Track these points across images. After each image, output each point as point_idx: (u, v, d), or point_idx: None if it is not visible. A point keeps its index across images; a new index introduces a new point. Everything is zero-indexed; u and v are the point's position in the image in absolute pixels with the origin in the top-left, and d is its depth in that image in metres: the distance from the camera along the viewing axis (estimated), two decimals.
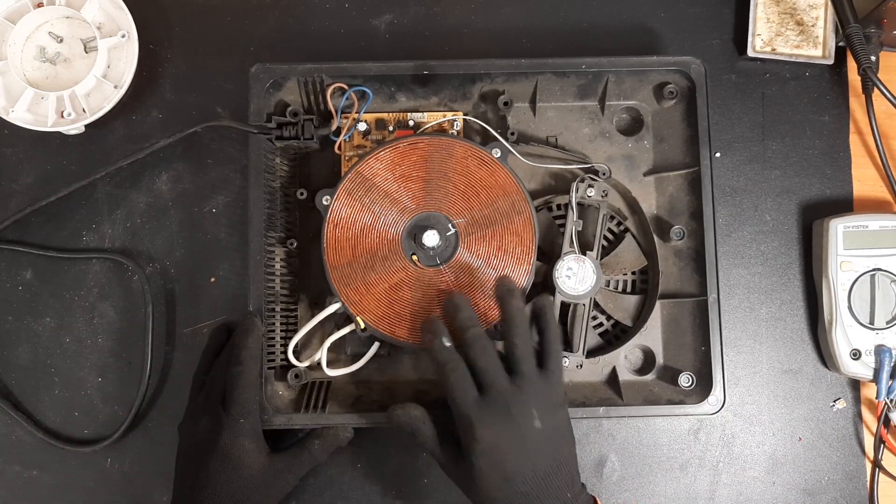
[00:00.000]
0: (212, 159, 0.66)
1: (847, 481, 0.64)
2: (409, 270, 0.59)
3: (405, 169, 0.60)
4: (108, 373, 0.64)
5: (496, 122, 0.64)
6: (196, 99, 0.67)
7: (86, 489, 0.63)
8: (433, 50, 0.68)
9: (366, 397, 0.62)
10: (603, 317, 0.64)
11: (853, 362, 0.61)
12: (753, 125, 0.67)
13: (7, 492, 0.63)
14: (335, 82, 0.61)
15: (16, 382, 0.64)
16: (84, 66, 0.64)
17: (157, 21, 0.67)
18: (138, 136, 0.66)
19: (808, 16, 0.67)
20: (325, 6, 0.68)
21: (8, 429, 0.64)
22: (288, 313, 0.62)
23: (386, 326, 0.59)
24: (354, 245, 0.60)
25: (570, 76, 0.62)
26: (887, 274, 0.62)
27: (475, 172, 0.60)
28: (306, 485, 0.63)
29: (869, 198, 0.67)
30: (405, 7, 0.68)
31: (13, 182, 0.66)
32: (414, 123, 0.64)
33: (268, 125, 0.60)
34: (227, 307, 0.65)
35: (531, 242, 0.59)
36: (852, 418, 0.65)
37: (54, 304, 0.65)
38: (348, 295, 0.59)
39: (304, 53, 0.67)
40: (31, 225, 0.65)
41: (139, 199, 0.66)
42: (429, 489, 0.63)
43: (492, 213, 0.60)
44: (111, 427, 0.63)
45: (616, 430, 0.64)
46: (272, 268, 0.61)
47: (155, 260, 0.65)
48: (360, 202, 0.60)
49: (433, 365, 0.54)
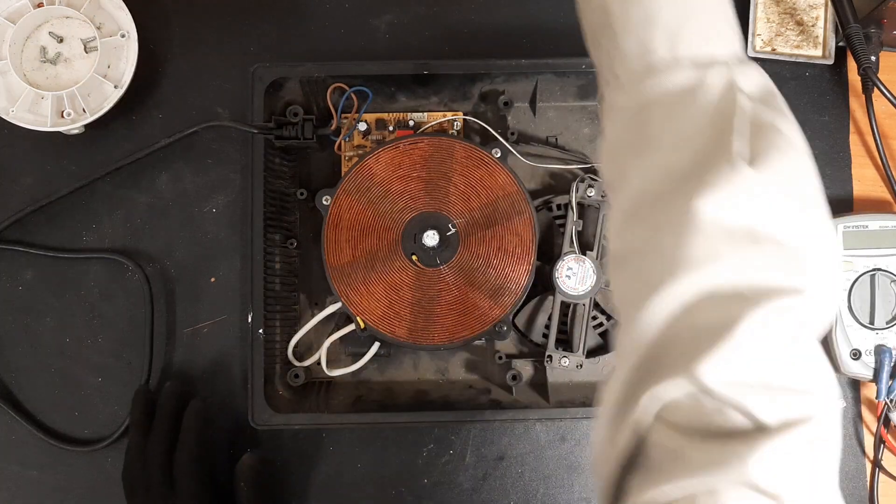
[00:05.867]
0: (212, 159, 0.66)
1: (847, 481, 0.64)
2: (409, 270, 0.59)
3: (405, 169, 0.60)
4: (108, 373, 0.64)
5: (496, 122, 0.64)
6: (196, 99, 0.67)
7: (86, 489, 0.63)
8: (433, 50, 0.68)
9: (366, 397, 0.62)
10: (603, 317, 0.64)
11: (853, 362, 0.61)
12: None
13: (7, 492, 0.63)
14: (335, 82, 0.61)
15: (16, 382, 0.64)
16: (84, 66, 0.64)
17: (157, 21, 0.67)
18: (138, 136, 0.66)
19: (808, 16, 0.67)
20: (325, 6, 0.68)
21: (8, 429, 0.64)
22: (288, 313, 0.62)
23: (386, 326, 0.59)
24: (354, 245, 0.60)
25: (570, 76, 0.62)
26: (887, 274, 0.62)
27: (475, 172, 0.60)
28: (306, 485, 0.63)
29: (869, 198, 0.67)
30: (405, 7, 0.68)
31: (13, 182, 0.66)
32: (414, 123, 0.64)
33: (268, 125, 0.60)
34: (227, 307, 0.65)
35: (531, 242, 0.59)
36: (852, 418, 0.64)
37: (54, 304, 0.65)
38: (348, 295, 0.59)
39: (304, 53, 0.67)
40: (31, 225, 0.65)
41: (139, 199, 0.66)
42: (429, 489, 0.63)
43: (492, 213, 0.60)
44: (111, 427, 0.63)
45: None
46: (272, 268, 0.61)
47: (155, 260, 0.65)
48: (360, 202, 0.60)
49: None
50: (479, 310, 0.59)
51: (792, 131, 0.36)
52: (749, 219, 0.34)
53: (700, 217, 0.33)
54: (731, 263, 0.33)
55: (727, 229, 0.33)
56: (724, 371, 0.32)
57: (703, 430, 0.32)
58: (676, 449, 0.32)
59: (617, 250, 0.38)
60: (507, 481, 0.63)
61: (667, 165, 0.36)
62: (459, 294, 0.59)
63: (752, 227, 0.34)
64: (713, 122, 0.35)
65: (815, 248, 0.35)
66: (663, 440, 0.33)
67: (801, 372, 0.33)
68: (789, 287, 0.33)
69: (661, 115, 0.37)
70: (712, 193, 0.33)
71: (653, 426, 0.33)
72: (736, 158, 0.34)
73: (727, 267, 0.33)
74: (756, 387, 0.32)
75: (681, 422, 0.33)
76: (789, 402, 0.32)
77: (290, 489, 0.63)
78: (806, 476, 0.31)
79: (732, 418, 0.32)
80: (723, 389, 0.32)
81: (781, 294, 0.33)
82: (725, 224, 0.33)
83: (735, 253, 0.33)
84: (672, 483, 0.31)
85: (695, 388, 0.32)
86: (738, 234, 0.33)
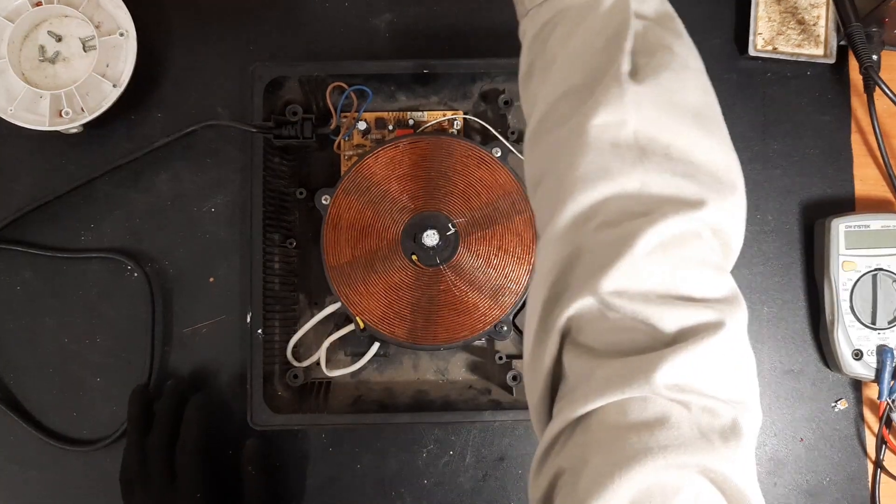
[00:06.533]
0: (211, 159, 0.66)
1: (849, 482, 0.64)
2: (409, 270, 0.59)
3: (405, 168, 0.60)
4: (108, 373, 0.64)
5: (496, 121, 0.64)
6: (195, 98, 0.67)
7: (85, 489, 0.63)
8: (433, 49, 0.67)
9: (365, 397, 0.62)
10: None
11: (855, 362, 0.61)
12: (754, 124, 0.67)
13: (6, 491, 0.63)
14: (335, 81, 0.61)
15: (15, 382, 0.64)
16: (83, 65, 0.64)
17: (156, 20, 0.67)
18: (138, 135, 0.66)
19: (810, 15, 0.66)
20: (325, 6, 0.68)
21: (8, 429, 0.64)
22: (287, 313, 0.62)
23: (386, 326, 0.59)
24: (354, 245, 0.59)
25: None
26: (889, 274, 0.61)
27: (475, 172, 0.60)
28: (306, 485, 0.63)
29: (871, 197, 0.66)
30: (405, 7, 0.68)
31: (12, 181, 0.66)
32: (414, 122, 0.64)
33: (267, 124, 0.60)
34: (226, 307, 0.64)
35: (531, 242, 0.59)
36: (854, 419, 0.64)
37: (54, 304, 0.65)
38: (348, 295, 0.59)
39: (304, 53, 0.67)
40: (30, 224, 0.65)
41: (139, 198, 0.66)
42: (429, 489, 0.63)
43: (492, 212, 0.59)
44: (111, 427, 0.63)
45: None
46: (272, 268, 0.61)
47: (154, 260, 0.65)
48: (360, 202, 0.60)
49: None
50: (479, 310, 0.59)
51: (685, 50, 0.37)
52: (638, 134, 0.34)
53: (591, 134, 0.34)
54: (623, 179, 0.34)
55: (617, 145, 0.34)
56: (623, 285, 0.32)
57: (612, 349, 0.32)
58: (587, 369, 0.32)
59: (530, 175, 0.39)
60: (507, 482, 0.63)
61: (563, 83, 0.36)
62: (459, 294, 0.59)
63: (641, 142, 0.34)
64: (606, 41, 0.36)
65: (709, 159, 0.35)
66: (574, 362, 0.33)
67: (701, 281, 0.33)
68: (685, 199, 0.33)
69: (559, 34, 0.37)
70: (602, 111, 0.34)
71: (566, 348, 0.34)
72: (623, 77, 0.35)
73: (619, 183, 0.34)
74: (656, 299, 0.32)
75: (590, 342, 0.33)
76: (689, 312, 0.32)
77: (290, 490, 0.63)
78: (716, 375, 0.32)
79: (637, 333, 0.32)
80: (624, 303, 0.32)
81: (678, 206, 0.33)
82: (615, 140, 0.34)
83: (626, 168, 0.34)
84: (583, 404, 0.32)
85: (599, 303, 0.32)
86: (627, 149, 0.34)
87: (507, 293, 0.59)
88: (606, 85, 0.35)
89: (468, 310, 0.59)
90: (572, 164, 0.34)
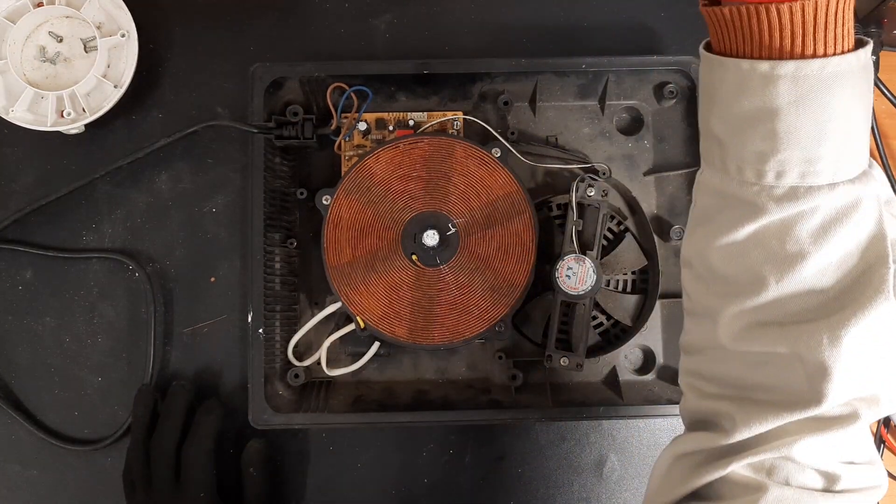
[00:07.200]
0: (212, 159, 0.66)
1: None
2: (409, 270, 0.59)
3: (405, 169, 0.60)
4: (108, 373, 0.64)
5: (496, 121, 0.64)
6: (196, 99, 0.67)
7: (86, 489, 0.63)
8: (433, 50, 0.68)
9: (366, 397, 0.62)
10: (603, 317, 0.63)
11: None
12: None
13: (7, 491, 0.63)
14: (335, 82, 0.61)
15: (16, 382, 0.64)
16: (84, 66, 0.64)
17: (157, 21, 0.67)
18: (138, 135, 0.66)
19: None
20: (325, 6, 0.68)
21: (8, 428, 0.64)
22: (288, 313, 0.62)
23: (386, 326, 0.59)
24: (354, 245, 0.60)
25: (570, 76, 0.62)
26: None
27: (475, 172, 0.60)
28: (306, 485, 0.63)
29: None
30: (405, 7, 0.68)
31: (13, 182, 0.66)
32: (414, 123, 0.64)
33: (268, 125, 0.60)
34: (226, 307, 0.65)
35: (531, 242, 0.59)
36: None
37: (54, 304, 0.65)
38: (348, 294, 0.59)
39: (304, 53, 0.67)
40: (31, 225, 0.65)
41: (139, 198, 0.66)
42: (429, 489, 0.63)
43: (492, 212, 0.59)
44: (111, 427, 0.63)
45: (616, 430, 0.64)
46: (272, 268, 0.61)
47: (155, 260, 0.65)
48: (360, 202, 0.60)
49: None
50: (479, 310, 0.59)
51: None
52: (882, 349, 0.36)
53: (844, 346, 0.35)
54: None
55: (860, 355, 0.35)
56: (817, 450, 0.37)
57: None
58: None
59: (742, 349, 0.39)
60: (507, 481, 0.63)
61: (813, 286, 0.36)
62: (459, 294, 0.59)
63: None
64: (865, 250, 0.36)
65: None
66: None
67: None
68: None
69: (810, 232, 0.36)
70: (860, 323, 0.35)
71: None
72: (890, 290, 0.35)
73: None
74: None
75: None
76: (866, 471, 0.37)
77: (290, 489, 0.63)
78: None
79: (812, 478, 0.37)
80: (813, 460, 0.37)
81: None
82: (861, 351, 0.35)
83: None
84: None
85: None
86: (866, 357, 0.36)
87: (507, 293, 0.59)
88: (871, 298, 0.35)
89: (468, 309, 0.59)
90: (815, 376, 0.36)
